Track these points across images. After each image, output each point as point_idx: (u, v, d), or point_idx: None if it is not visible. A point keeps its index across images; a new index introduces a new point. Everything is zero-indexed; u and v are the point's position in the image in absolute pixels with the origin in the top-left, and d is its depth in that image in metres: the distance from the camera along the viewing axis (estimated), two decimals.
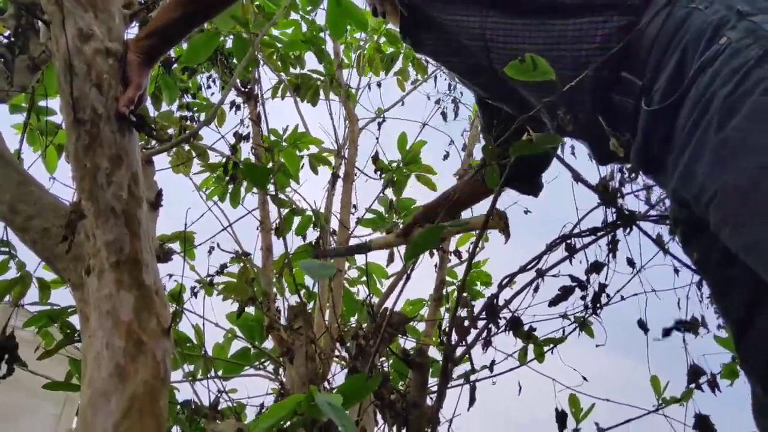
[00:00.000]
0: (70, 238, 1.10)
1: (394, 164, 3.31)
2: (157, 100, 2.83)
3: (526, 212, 2.12)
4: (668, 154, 1.05)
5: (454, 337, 1.36)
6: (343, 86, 2.98)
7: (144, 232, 1.24)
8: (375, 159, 3.28)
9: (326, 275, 1.12)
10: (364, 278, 2.99)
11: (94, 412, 1.05)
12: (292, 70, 3.57)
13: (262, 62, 3.31)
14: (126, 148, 1.23)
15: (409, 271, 1.24)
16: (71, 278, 1.23)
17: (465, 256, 2.65)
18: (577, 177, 1.27)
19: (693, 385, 1.38)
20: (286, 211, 2.49)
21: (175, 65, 2.62)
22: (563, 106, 1.13)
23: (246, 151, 2.77)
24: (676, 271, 1.65)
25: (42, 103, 1.97)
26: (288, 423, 1.02)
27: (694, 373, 1.41)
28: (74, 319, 2.18)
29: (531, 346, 1.90)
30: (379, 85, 3.49)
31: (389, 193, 3.28)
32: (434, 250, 2.42)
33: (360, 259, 2.98)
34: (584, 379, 1.62)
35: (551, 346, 1.86)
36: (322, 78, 3.60)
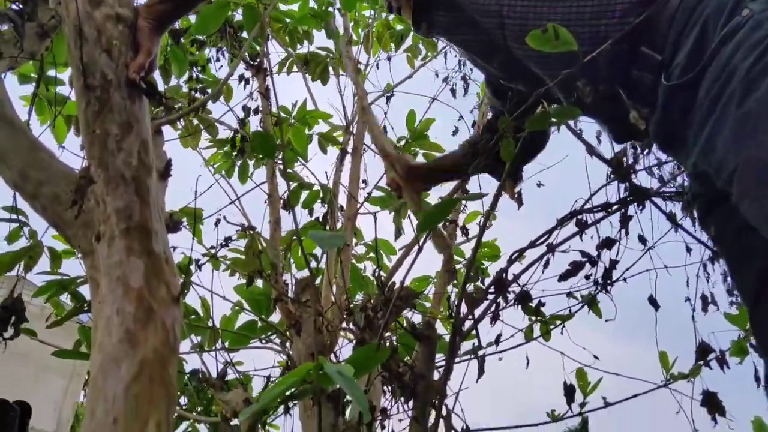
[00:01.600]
0: (79, 203, 1.10)
1: (402, 141, 3.29)
2: (166, 73, 2.81)
3: (539, 185, 2.10)
4: (688, 128, 1.04)
5: (463, 309, 1.36)
6: (351, 60, 2.95)
7: (153, 200, 1.24)
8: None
9: (335, 245, 1.11)
10: (371, 254, 2.99)
11: (105, 377, 1.05)
12: (300, 47, 3.55)
13: (270, 37, 3.29)
14: (136, 114, 1.22)
15: (421, 243, 1.24)
16: (81, 245, 1.23)
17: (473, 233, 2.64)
18: (591, 150, 1.26)
19: (701, 362, 1.37)
20: (294, 185, 2.48)
21: (183, 38, 2.60)
22: (582, 79, 1.12)
23: (254, 125, 2.76)
24: (689, 249, 1.64)
25: (51, 73, 1.96)
26: (296, 391, 1.02)
27: (703, 350, 1.41)
28: (84, 289, 2.19)
29: (538, 325, 1.91)
30: (389, 59, 3.45)
31: None
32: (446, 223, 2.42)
33: (368, 235, 2.98)
34: (595, 357, 1.62)
35: (559, 322, 1.86)
36: (331, 55, 3.58)
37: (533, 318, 1.91)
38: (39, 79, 1.77)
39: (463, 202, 2.49)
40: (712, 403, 1.32)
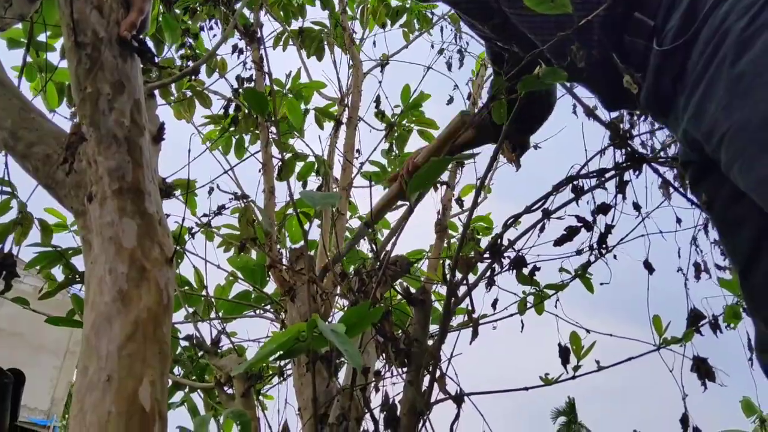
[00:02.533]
0: (70, 162, 1.08)
1: (397, 112, 3.27)
2: (159, 43, 2.78)
3: (535, 147, 2.09)
4: (679, 95, 1.03)
5: (457, 279, 1.36)
6: (347, 30, 2.92)
7: (146, 161, 1.23)
8: (377, 103, 3.24)
9: (328, 204, 1.11)
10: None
11: (98, 336, 1.05)
12: (294, 22, 3.52)
13: (264, 11, 3.25)
14: (128, 73, 1.21)
15: (413, 205, 1.23)
16: (73, 205, 1.22)
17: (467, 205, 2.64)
18: (590, 112, 1.25)
19: (693, 327, 1.38)
20: (289, 155, 2.46)
21: (176, 5, 2.57)
22: (576, 44, 1.10)
23: None
24: (679, 220, 1.64)
25: (41, 38, 1.93)
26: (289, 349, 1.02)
27: (695, 316, 1.42)
28: (76, 260, 2.18)
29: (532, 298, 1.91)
30: (383, 26, 3.42)
31: (393, 146, 3.26)
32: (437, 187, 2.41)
33: (363, 209, 2.97)
34: (587, 331, 1.63)
35: (553, 292, 1.87)
36: (326, 30, 3.54)
37: (525, 291, 1.92)
38: (29, 44, 1.74)
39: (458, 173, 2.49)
40: (702, 368, 1.33)
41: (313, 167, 2.55)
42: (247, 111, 2.54)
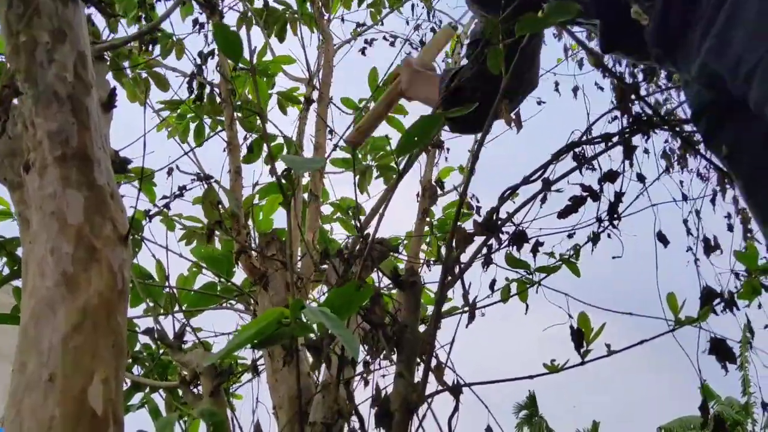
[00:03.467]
0: (2, 119, 0.91)
1: (364, 102, 3.12)
2: (112, 22, 2.57)
3: (539, 103, 1.97)
4: (693, 24, 0.89)
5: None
6: (316, 3, 2.75)
7: (95, 124, 1.05)
8: (346, 101, 3.09)
9: (311, 168, 0.96)
10: (338, 215, 2.84)
11: (37, 326, 0.88)
12: (257, 2, 3.34)
13: None
14: (70, 21, 1.03)
15: (401, 169, 1.08)
16: (7, 176, 1.05)
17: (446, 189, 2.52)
18: (598, 62, 1.12)
19: (708, 306, 1.27)
20: (255, 136, 2.29)
21: None
22: None
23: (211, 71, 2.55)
24: (685, 197, 1.54)
25: None
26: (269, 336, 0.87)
27: (708, 294, 1.30)
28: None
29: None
30: (348, 7, 3.25)
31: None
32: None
33: (335, 194, 2.82)
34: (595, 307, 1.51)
35: (544, 276, 1.75)
36: (290, 9, 3.37)
37: (508, 278, 1.80)
38: None
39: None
40: (720, 350, 1.22)
41: (281, 149, 2.38)
42: (209, 89, 2.36)
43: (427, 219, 2.30)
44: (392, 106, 1.49)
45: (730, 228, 1.53)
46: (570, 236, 1.61)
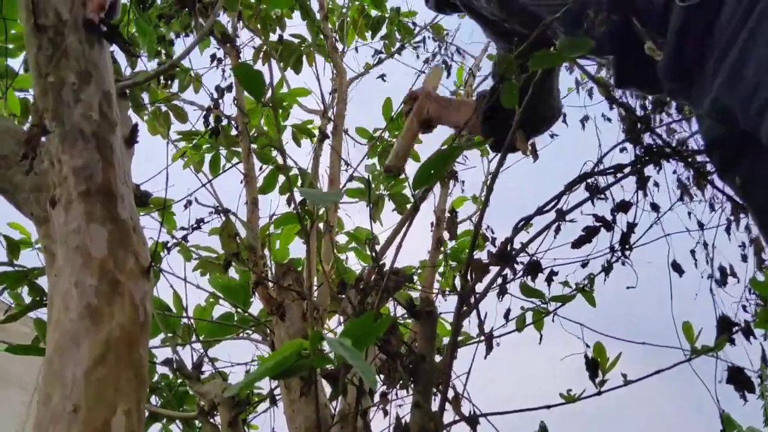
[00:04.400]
0: (31, 156, 0.94)
1: (379, 132, 3.16)
2: (133, 57, 2.64)
3: (552, 136, 1.99)
4: (707, 58, 0.91)
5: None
6: (329, 38, 2.80)
7: (118, 161, 1.08)
8: (361, 132, 3.13)
9: (328, 201, 0.98)
10: (353, 244, 2.86)
11: (62, 358, 0.90)
12: (272, 36, 3.40)
13: (241, 23, 3.13)
14: (96, 62, 1.07)
15: (417, 201, 1.10)
16: (33, 211, 1.07)
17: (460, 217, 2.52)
18: (609, 95, 1.14)
19: (725, 335, 1.26)
20: (270, 168, 2.33)
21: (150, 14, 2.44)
22: (591, 7, 0.99)
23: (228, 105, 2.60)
24: (701, 226, 1.54)
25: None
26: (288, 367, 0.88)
27: (724, 322, 1.30)
28: (44, 281, 2.01)
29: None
30: (363, 38, 3.31)
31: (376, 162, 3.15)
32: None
33: (348, 224, 2.84)
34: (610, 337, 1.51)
35: (559, 305, 1.75)
36: (305, 43, 3.44)
37: (523, 307, 1.80)
38: None
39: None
40: (738, 379, 1.21)
41: (296, 180, 2.42)
42: (226, 121, 2.40)
43: (441, 249, 2.31)
44: (417, 132, 1.53)
45: (744, 258, 1.52)
46: (584, 266, 1.62)
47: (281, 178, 2.48)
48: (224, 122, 2.38)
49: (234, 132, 2.58)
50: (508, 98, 1.09)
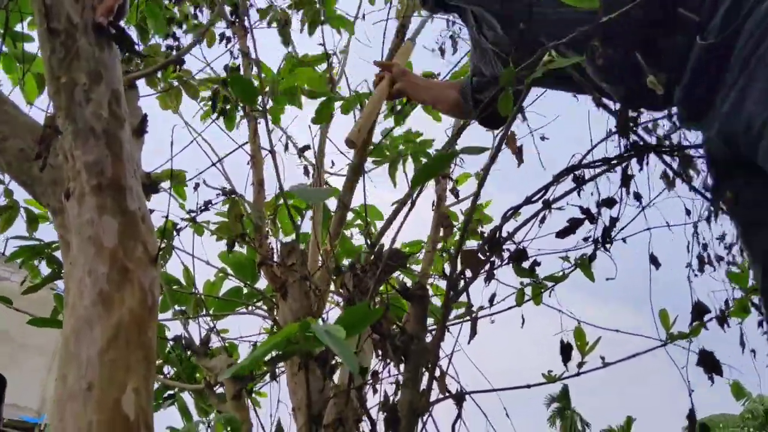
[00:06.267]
0: (44, 155, 1.02)
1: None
2: (144, 33, 2.69)
3: (543, 138, 2.03)
4: (717, 92, 1.01)
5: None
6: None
7: (127, 155, 1.16)
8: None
9: (320, 199, 1.04)
10: (359, 221, 2.93)
11: (78, 340, 0.99)
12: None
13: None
14: (105, 62, 1.14)
15: (414, 197, 1.17)
16: (50, 203, 1.16)
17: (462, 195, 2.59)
18: (599, 101, 1.19)
19: (701, 322, 1.33)
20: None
21: None
22: (599, 39, 1.06)
23: None
24: (688, 212, 1.59)
25: (18, 28, 1.85)
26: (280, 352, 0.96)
27: (699, 309, 1.36)
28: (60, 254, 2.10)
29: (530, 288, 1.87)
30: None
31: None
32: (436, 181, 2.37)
33: (355, 201, 2.90)
34: (594, 326, 1.58)
35: (552, 284, 1.82)
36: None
37: (523, 282, 1.87)
38: (5, 34, 1.66)
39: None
40: (708, 362, 1.28)
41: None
42: (235, 101, 2.46)
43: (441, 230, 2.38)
44: (381, 105, 1.64)
45: (727, 248, 1.59)
46: (586, 240, 1.68)
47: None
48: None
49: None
50: (504, 106, 1.15)
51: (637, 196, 1.41)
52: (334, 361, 1.20)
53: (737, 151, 1.00)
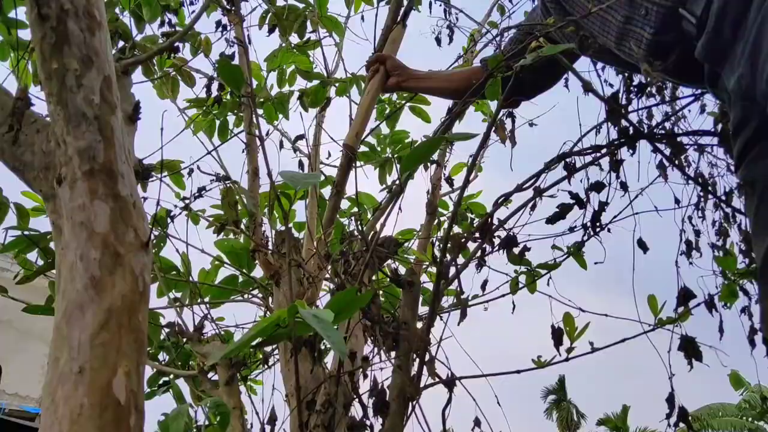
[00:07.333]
0: (15, 128, 1.03)
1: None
2: (139, 20, 2.69)
3: (531, 125, 2.04)
4: (739, 40, 1.00)
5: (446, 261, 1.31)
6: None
7: (119, 141, 1.16)
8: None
9: (309, 184, 1.05)
10: (355, 209, 2.93)
11: (69, 324, 1.00)
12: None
13: None
14: (96, 48, 1.14)
15: (403, 185, 1.18)
16: (42, 188, 1.16)
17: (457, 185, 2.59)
18: (588, 87, 1.20)
19: (689, 308, 1.34)
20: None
21: None
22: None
23: None
24: (677, 201, 1.60)
25: (12, 15, 1.85)
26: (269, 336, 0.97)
27: (685, 295, 1.37)
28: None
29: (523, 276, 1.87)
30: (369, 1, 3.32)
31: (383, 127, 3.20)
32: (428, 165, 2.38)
33: (350, 189, 2.91)
34: (580, 310, 1.59)
35: (545, 272, 1.83)
36: (309, 8, 3.45)
37: (517, 270, 1.88)
38: None
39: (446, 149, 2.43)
40: (689, 348, 1.30)
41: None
42: (230, 90, 2.46)
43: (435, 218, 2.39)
44: (375, 102, 1.65)
45: (719, 234, 1.59)
46: (572, 230, 1.69)
47: None
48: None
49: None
50: (491, 93, 1.16)
51: (624, 186, 1.41)
52: (323, 346, 1.21)
53: (758, 107, 0.98)
